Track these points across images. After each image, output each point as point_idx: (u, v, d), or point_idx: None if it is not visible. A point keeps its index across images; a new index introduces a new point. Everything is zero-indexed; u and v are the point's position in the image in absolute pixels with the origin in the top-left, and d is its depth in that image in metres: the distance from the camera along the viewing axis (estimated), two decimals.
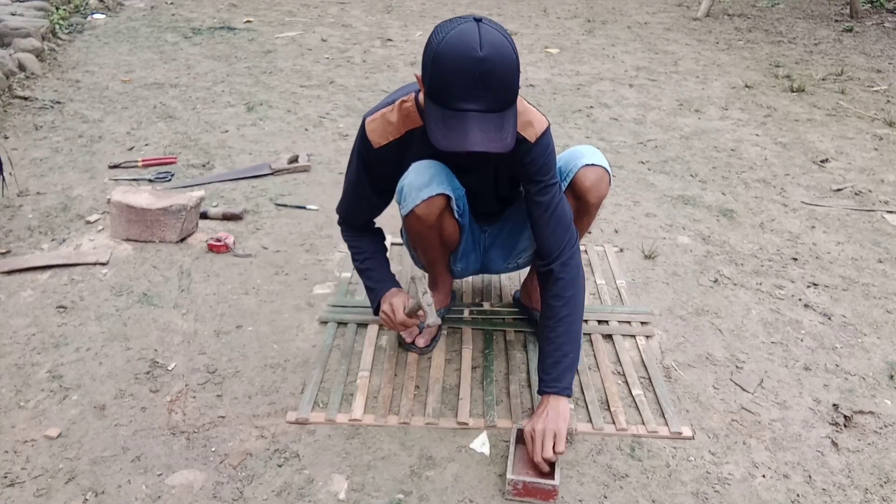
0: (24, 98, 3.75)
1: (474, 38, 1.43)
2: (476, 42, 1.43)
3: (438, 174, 1.72)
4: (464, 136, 1.46)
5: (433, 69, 1.46)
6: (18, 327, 2.07)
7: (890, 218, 2.90)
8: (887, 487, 1.66)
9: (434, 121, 1.49)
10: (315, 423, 1.77)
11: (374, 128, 1.73)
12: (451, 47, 1.43)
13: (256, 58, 4.66)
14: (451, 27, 1.46)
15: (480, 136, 1.46)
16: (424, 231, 1.81)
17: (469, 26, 1.45)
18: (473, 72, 1.43)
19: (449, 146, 1.47)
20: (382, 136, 1.73)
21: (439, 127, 1.48)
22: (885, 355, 2.10)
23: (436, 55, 1.45)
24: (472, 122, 1.46)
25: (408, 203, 1.72)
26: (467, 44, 1.43)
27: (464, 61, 1.42)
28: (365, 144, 1.75)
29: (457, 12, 6.14)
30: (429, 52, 1.48)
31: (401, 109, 1.71)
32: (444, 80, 1.45)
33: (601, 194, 1.84)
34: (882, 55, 5.26)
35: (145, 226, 2.46)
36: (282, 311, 2.18)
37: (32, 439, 1.69)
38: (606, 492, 1.61)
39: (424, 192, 1.70)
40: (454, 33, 1.44)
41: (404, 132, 1.72)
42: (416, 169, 1.72)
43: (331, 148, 3.34)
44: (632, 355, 2.04)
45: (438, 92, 1.47)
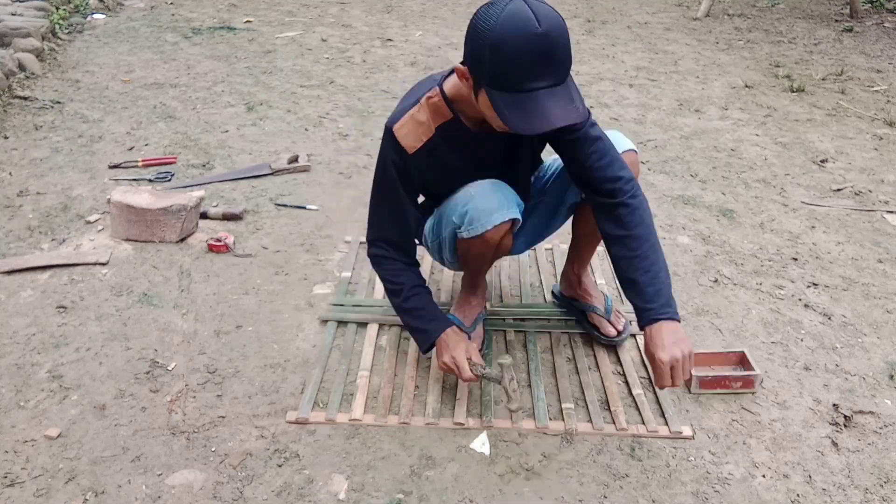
0: (24, 98, 3.75)
1: (528, 14, 1.39)
2: (532, 18, 1.39)
3: (505, 196, 1.71)
4: (545, 116, 1.42)
5: (493, 56, 1.41)
6: (18, 327, 2.07)
7: (890, 218, 2.90)
8: (887, 487, 1.66)
9: (505, 107, 1.44)
10: (315, 423, 1.77)
11: (406, 132, 1.68)
12: (510, 30, 1.39)
13: (256, 58, 4.66)
14: (498, 10, 1.41)
15: (559, 111, 1.43)
16: (485, 251, 1.80)
17: (517, 4, 1.40)
18: (537, 49, 1.39)
19: (533, 129, 1.43)
20: (416, 139, 1.68)
21: (514, 113, 1.44)
22: (885, 355, 2.10)
23: (494, 42, 1.40)
24: (546, 100, 1.43)
25: (475, 227, 1.70)
26: (525, 22, 1.38)
27: (527, 41, 1.38)
28: (399, 153, 1.69)
29: (456, 13, 6.14)
30: (482, 40, 1.42)
31: (428, 106, 1.68)
32: (509, 64, 1.41)
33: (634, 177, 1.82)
34: (882, 55, 5.26)
35: (145, 226, 2.46)
36: (282, 311, 2.18)
37: (32, 439, 1.69)
38: (606, 492, 1.61)
39: (496, 216, 1.69)
40: (506, 15, 1.40)
41: (435, 128, 1.69)
42: (480, 193, 1.70)
43: (331, 148, 3.34)
44: (632, 355, 2.04)
45: (504, 77, 1.43)
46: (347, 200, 2.86)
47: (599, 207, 1.72)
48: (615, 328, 2.06)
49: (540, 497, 1.60)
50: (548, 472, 1.65)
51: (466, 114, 1.67)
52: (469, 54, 1.48)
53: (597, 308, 2.08)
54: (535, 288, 2.35)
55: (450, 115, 1.68)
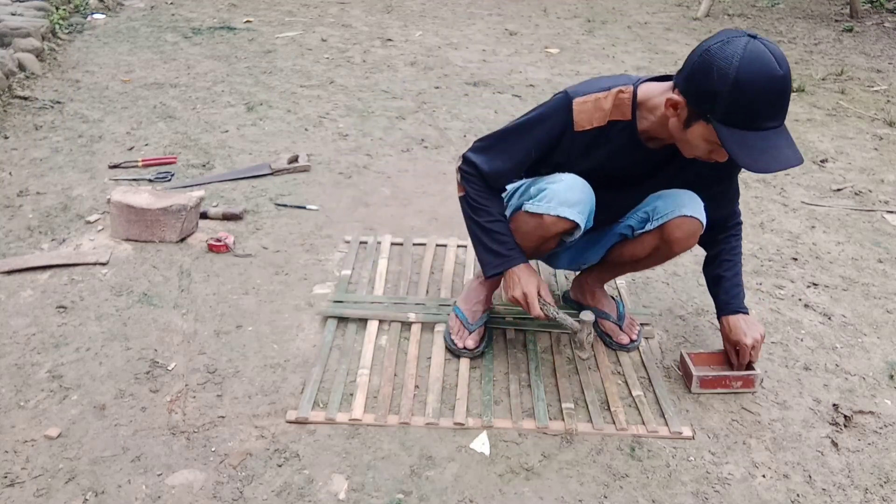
0: (24, 98, 3.75)
1: (770, 56, 1.45)
2: (773, 61, 1.44)
3: (588, 202, 1.73)
4: (777, 157, 1.48)
5: (734, 94, 1.45)
6: (18, 327, 2.07)
7: (890, 218, 2.90)
8: (887, 487, 1.66)
9: (738, 145, 1.48)
10: (315, 423, 1.77)
11: (584, 109, 1.69)
12: (755, 72, 1.43)
13: (256, 58, 4.66)
14: (737, 50, 1.45)
15: (789, 152, 1.49)
16: (533, 234, 1.80)
17: (756, 45, 1.45)
18: (779, 91, 1.45)
19: (765, 168, 1.49)
20: (588, 120, 1.70)
21: (745, 151, 1.48)
22: (885, 355, 2.10)
23: (736, 80, 1.44)
24: (777, 140, 1.49)
25: (542, 205, 1.72)
26: (768, 64, 1.44)
27: (770, 82, 1.44)
28: (565, 123, 1.70)
29: (456, 13, 6.14)
30: (720, 77, 1.45)
31: (616, 98, 1.69)
32: (751, 104, 1.45)
33: (688, 247, 1.85)
34: (882, 55, 5.26)
35: (145, 226, 2.46)
36: (282, 311, 2.18)
37: (32, 439, 1.69)
38: (606, 492, 1.61)
39: (565, 210, 1.70)
40: (748, 55, 1.44)
41: (609, 121, 1.70)
42: (570, 183, 1.72)
43: (331, 148, 3.34)
44: (632, 355, 2.04)
45: (742, 115, 1.47)
46: (347, 200, 2.86)
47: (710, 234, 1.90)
48: (629, 336, 2.06)
49: (540, 497, 1.60)
50: (548, 472, 1.65)
51: (643, 125, 1.69)
52: (695, 87, 1.51)
53: (609, 315, 2.08)
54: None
55: (629, 117, 1.70)
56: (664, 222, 1.79)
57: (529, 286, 1.77)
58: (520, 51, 5.10)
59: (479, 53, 4.98)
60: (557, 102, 1.72)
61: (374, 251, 2.49)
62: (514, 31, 5.61)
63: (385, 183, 3.02)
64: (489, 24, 5.80)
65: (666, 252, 1.87)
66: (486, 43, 5.26)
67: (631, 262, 1.99)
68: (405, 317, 2.13)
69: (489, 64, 4.76)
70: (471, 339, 1.99)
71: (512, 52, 5.03)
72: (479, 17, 6.03)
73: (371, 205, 2.84)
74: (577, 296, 2.16)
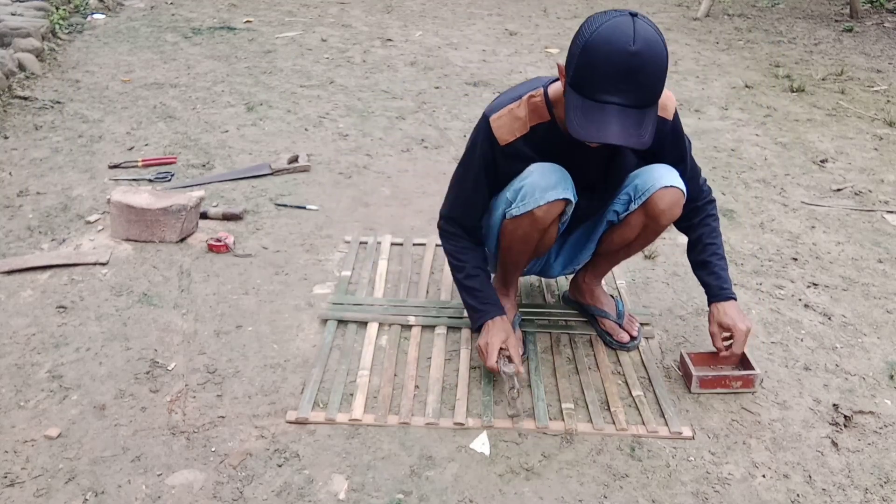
0: (24, 98, 3.75)
1: (628, 31, 1.43)
2: (630, 36, 1.43)
3: (564, 178, 1.72)
4: (602, 128, 1.46)
5: (581, 59, 1.46)
6: (18, 327, 2.07)
7: (890, 218, 2.90)
8: (887, 487, 1.66)
9: (573, 110, 1.49)
10: (315, 423, 1.77)
11: (501, 125, 1.72)
12: (604, 39, 1.43)
13: (256, 58, 4.66)
14: (604, 19, 1.46)
15: (619, 129, 1.47)
16: (531, 234, 1.80)
17: (624, 20, 1.45)
18: (622, 65, 1.43)
19: (586, 136, 1.48)
20: (510, 132, 1.72)
21: (578, 116, 1.48)
22: (885, 355, 2.10)
23: (586, 45, 1.45)
24: (612, 115, 1.47)
25: (527, 203, 1.72)
26: (620, 36, 1.43)
27: (614, 54, 1.43)
28: (490, 143, 1.74)
29: (456, 13, 6.14)
30: (578, 41, 1.48)
31: (529, 104, 1.71)
32: (591, 70, 1.45)
33: (674, 217, 1.85)
34: (882, 55, 5.26)
35: (145, 226, 2.46)
36: (282, 311, 2.18)
37: (32, 439, 1.69)
38: (606, 492, 1.61)
39: (550, 194, 1.70)
40: (608, 25, 1.44)
41: (530, 127, 1.72)
42: (539, 171, 1.72)
43: (331, 148, 3.34)
44: (632, 355, 2.04)
45: (583, 82, 1.47)
46: (347, 200, 2.86)
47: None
48: (629, 333, 2.06)
49: (540, 497, 1.60)
50: (548, 472, 1.66)
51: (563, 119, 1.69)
52: (568, 51, 1.53)
53: (608, 314, 2.08)
54: (535, 288, 2.35)
55: (547, 118, 1.71)
56: (647, 198, 1.80)
57: (494, 338, 1.83)
58: (520, 51, 5.10)
59: (479, 53, 4.98)
60: (478, 125, 1.77)
61: (374, 251, 2.49)
62: (514, 31, 5.61)
63: (385, 183, 3.02)
64: (489, 24, 5.80)
65: (654, 227, 1.87)
66: (486, 43, 5.26)
67: (623, 248, 1.98)
68: (405, 320, 2.13)
69: (489, 64, 4.76)
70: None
71: (512, 52, 5.03)
72: (479, 17, 6.03)
73: (371, 205, 2.84)
74: (575, 296, 2.16)
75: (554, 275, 2.14)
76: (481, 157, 1.78)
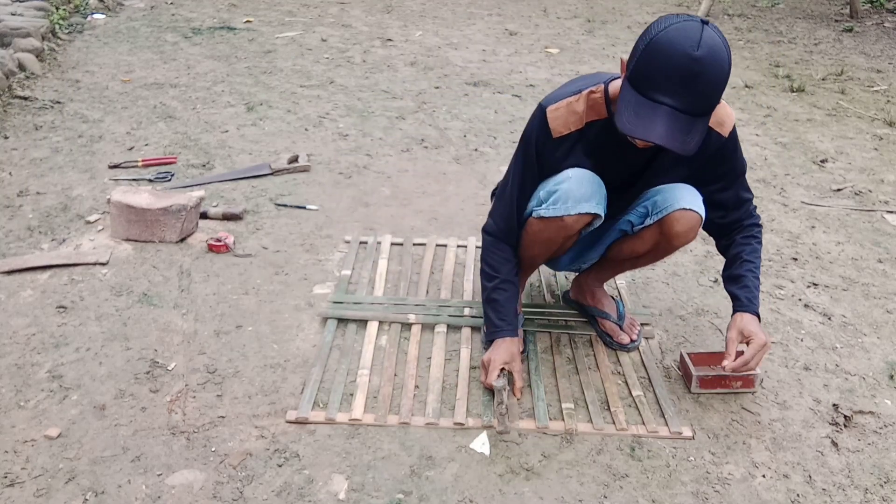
0: (24, 98, 3.75)
1: (695, 36, 1.43)
2: (696, 41, 1.42)
3: (599, 191, 1.72)
4: (650, 126, 1.46)
5: (643, 55, 1.46)
6: (18, 327, 2.07)
7: (890, 218, 2.90)
8: (887, 487, 1.66)
9: (626, 104, 1.49)
10: (315, 423, 1.77)
11: (557, 116, 1.70)
12: (669, 39, 1.43)
13: (256, 58, 4.66)
14: (675, 20, 1.46)
15: (665, 131, 1.46)
16: (555, 238, 1.80)
17: (694, 24, 1.44)
18: (683, 68, 1.43)
19: (632, 131, 1.47)
20: (564, 125, 1.71)
21: (629, 111, 1.48)
22: (885, 355, 2.10)
23: (651, 42, 1.45)
24: (661, 116, 1.46)
25: (558, 208, 1.71)
26: (686, 40, 1.42)
27: (677, 56, 1.42)
28: (544, 133, 1.72)
29: (456, 13, 6.14)
30: (645, 38, 1.48)
31: (588, 99, 1.70)
32: (650, 68, 1.45)
33: (688, 241, 1.83)
34: (882, 55, 5.26)
35: (145, 226, 2.46)
36: (282, 311, 2.18)
37: (32, 439, 1.69)
38: (606, 492, 1.61)
39: (584, 206, 1.69)
40: (677, 27, 1.44)
41: (586, 123, 1.71)
42: (577, 178, 1.70)
43: (331, 148, 3.34)
44: (632, 355, 2.04)
45: (641, 78, 1.47)
46: (347, 200, 2.86)
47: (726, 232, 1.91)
48: (629, 336, 2.06)
49: (540, 497, 1.60)
50: (548, 472, 1.65)
51: None
52: (634, 47, 1.53)
53: (609, 315, 2.08)
54: (535, 288, 2.35)
55: (605, 115, 1.70)
56: (664, 216, 1.79)
57: (498, 357, 1.83)
58: (520, 51, 5.10)
59: (479, 53, 4.98)
60: (534, 116, 1.75)
61: (374, 251, 2.49)
62: (514, 31, 5.61)
63: (385, 183, 3.02)
64: (489, 24, 5.80)
65: (665, 247, 1.86)
66: (486, 43, 5.26)
67: (630, 259, 1.99)
68: (405, 318, 2.13)
69: (489, 64, 4.76)
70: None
71: (512, 52, 5.03)
72: (479, 17, 6.03)
73: (371, 205, 2.84)
74: (577, 296, 2.16)
75: (559, 268, 2.14)
76: (534, 148, 1.75)
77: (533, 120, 1.75)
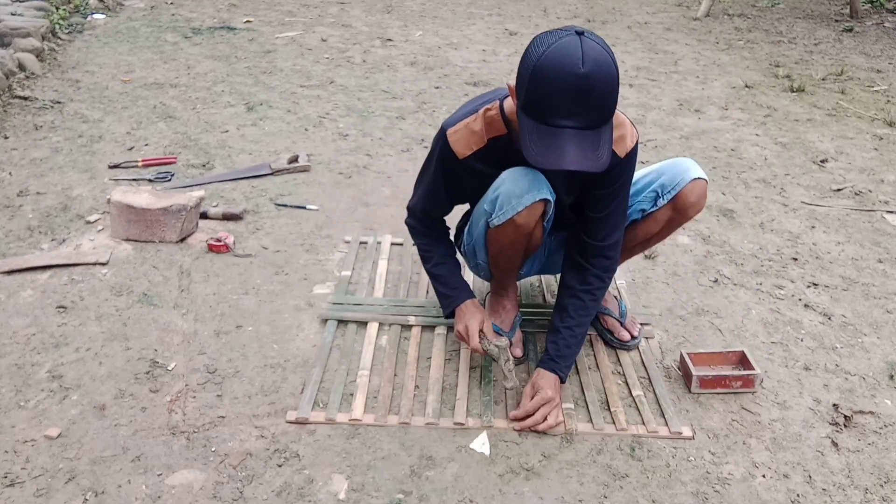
0: (24, 98, 3.75)
1: (576, 53, 1.41)
2: (578, 58, 1.40)
3: (537, 179, 1.69)
4: (559, 155, 1.44)
5: (531, 83, 1.44)
6: (18, 327, 2.07)
7: (890, 218, 2.90)
8: (887, 487, 1.66)
9: (528, 135, 1.47)
10: (315, 423, 1.77)
11: (458, 138, 1.71)
12: (552, 62, 1.41)
13: (256, 58, 4.66)
14: (551, 40, 1.44)
15: (576, 154, 1.44)
16: (517, 240, 1.79)
17: (571, 40, 1.42)
18: (574, 89, 1.41)
19: (544, 164, 1.47)
20: (466, 146, 1.72)
21: (534, 143, 1.46)
22: (885, 355, 2.10)
23: (535, 69, 1.43)
24: (568, 140, 1.44)
25: (505, 212, 1.70)
26: (569, 59, 1.40)
27: (565, 78, 1.40)
28: (448, 155, 1.74)
29: (456, 13, 6.14)
30: (527, 65, 1.45)
31: (485, 118, 1.70)
32: (542, 95, 1.43)
33: (700, 208, 1.86)
34: (882, 55, 5.26)
35: (145, 226, 2.46)
36: (282, 311, 2.18)
37: (32, 439, 1.69)
38: (606, 492, 1.61)
39: (526, 198, 1.68)
40: (555, 47, 1.42)
41: (487, 140, 1.71)
42: (511, 177, 1.70)
43: (331, 148, 3.34)
44: (632, 355, 2.04)
45: (535, 107, 1.45)
46: (347, 200, 2.86)
47: (578, 258, 1.84)
48: (630, 332, 2.06)
49: (540, 497, 1.60)
50: (548, 472, 1.66)
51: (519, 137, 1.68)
52: (517, 73, 1.51)
53: (611, 312, 2.08)
54: (535, 288, 2.36)
55: (503, 131, 1.70)
56: (677, 193, 1.82)
57: (471, 321, 1.84)
58: (520, 51, 5.09)
59: (479, 53, 4.98)
60: (437, 137, 1.76)
61: (374, 251, 2.49)
62: (514, 31, 5.61)
63: (385, 183, 3.02)
64: (489, 24, 5.80)
65: (679, 220, 1.89)
66: (486, 43, 5.26)
67: (642, 242, 2.00)
68: (405, 320, 2.13)
69: (489, 64, 4.76)
70: (514, 349, 1.99)
71: (512, 52, 5.03)
72: (479, 17, 6.03)
73: (371, 205, 2.84)
74: None
75: (557, 271, 2.12)
76: (442, 167, 1.78)
77: (437, 142, 1.77)
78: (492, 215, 1.74)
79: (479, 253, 1.94)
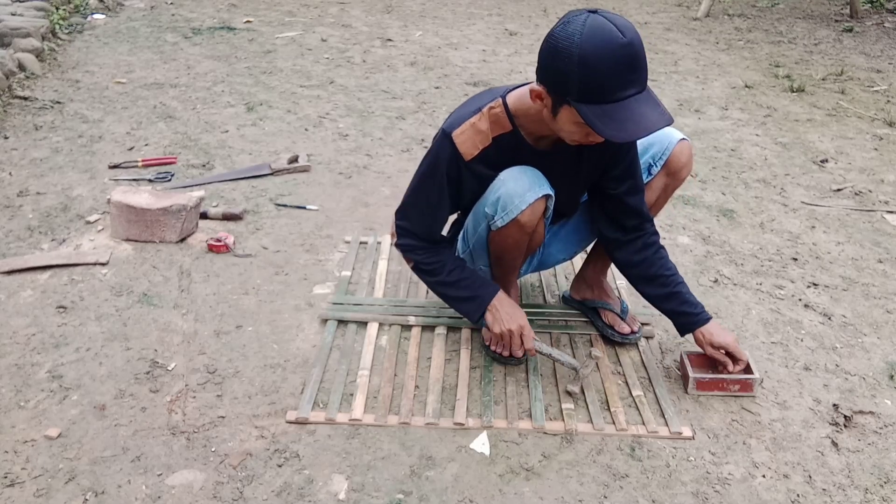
0: (24, 98, 3.75)
1: (611, 27, 1.43)
2: (615, 29, 1.43)
3: (536, 176, 1.71)
4: (638, 123, 1.47)
5: (582, 72, 1.44)
6: (18, 327, 2.07)
7: (890, 218, 2.90)
8: (887, 487, 1.66)
9: (599, 120, 1.47)
10: (315, 423, 1.77)
11: (465, 139, 1.70)
12: (597, 44, 1.43)
13: (256, 58, 4.67)
14: (578, 27, 1.44)
15: (651, 116, 1.48)
16: (521, 239, 1.79)
17: (597, 19, 1.45)
18: (626, 58, 1.44)
19: (629, 136, 1.48)
20: (473, 146, 1.71)
21: (608, 123, 1.47)
22: (885, 355, 2.10)
23: (581, 57, 1.43)
24: (637, 107, 1.47)
25: (509, 212, 1.70)
26: (609, 35, 1.43)
27: (614, 52, 1.42)
28: (455, 158, 1.71)
29: (456, 13, 6.14)
30: (565, 59, 1.45)
31: (489, 116, 1.70)
32: (599, 77, 1.44)
33: (691, 168, 1.92)
34: (882, 55, 5.26)
35: (145, 226, 2.46)
36: (282, 311, 2.18)
37: (32, 439, 1.69)
38: (606, 492, 1.61)
39: (529, 195, 1.68)
40: (589, 31, 1.43)
41: (493, 138, 1.71)
42: (510, 177, 1.70)
43: (331, 148, 3.34)
44: (632, 355, 2.04)
45: (595, 91, 1.46)
46: (347, 200, 2.86)
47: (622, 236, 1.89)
48: (630, 327, 2.07)
49: (540, 497, 1.60)
50: (548, 472, 1.66)
51: (527, 129, 1.70)
52: (549, 74, 1.51)
53: (613, 306, 2.09)
54: (535, 288, 2.36)
55: (509, 128, 1.70)
56: (668, 157, 1.86)
57: (518, 318, 1.84)
58: (520, 51, 5.10)
59: (479, 53, 4.98)
60: (439, 143, 1.73)
61: (374, 251, 2.49)
62: (514, 31, 5.61)
63: (385, 183, 3.02)
64: (489, 24, 5.80)
65: (673, 184, 1.93)
66: (486, 43, 5.26)
67: None
68: (405, 320, 2.13)
69: (489, 64, 4.76)
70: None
71: (512, 52, 5.03)
72: (479, 17, 6.03)
73: (371, 205, 2.84)
74: (580, 292, 2.16)
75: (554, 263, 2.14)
76: (447, 174, 1.74)
77: (439, 148, 1.73)
78: (494, 217, 1.74)
79: (478, 259, 1.94)
